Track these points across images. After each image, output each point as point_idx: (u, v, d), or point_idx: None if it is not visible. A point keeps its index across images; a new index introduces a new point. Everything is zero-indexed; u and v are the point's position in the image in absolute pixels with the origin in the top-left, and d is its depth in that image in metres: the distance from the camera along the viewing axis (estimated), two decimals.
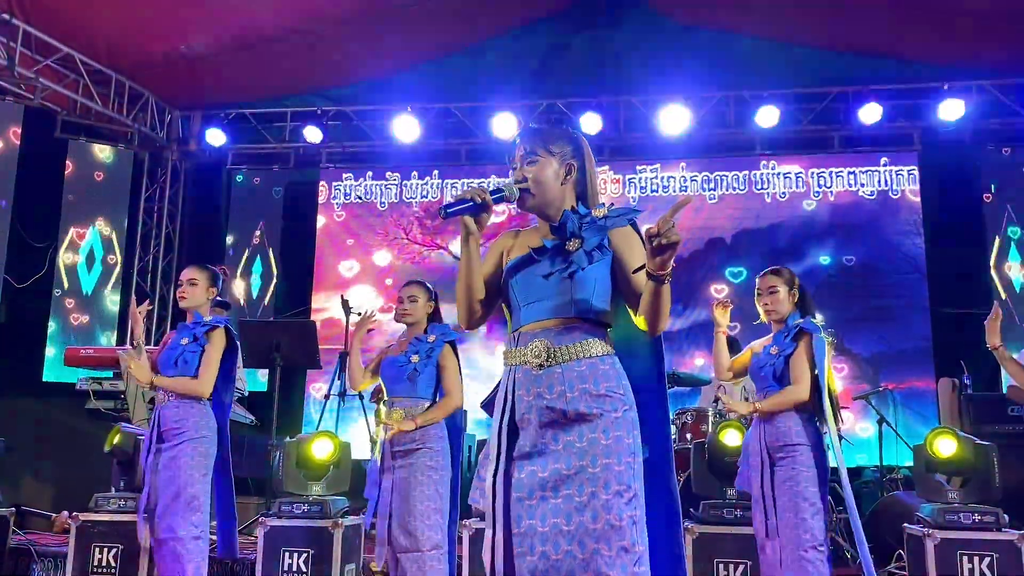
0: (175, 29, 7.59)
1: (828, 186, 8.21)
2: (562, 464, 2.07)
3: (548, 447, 2.09)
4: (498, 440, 2.15)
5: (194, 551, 3.71)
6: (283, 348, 5.50)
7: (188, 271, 4.06)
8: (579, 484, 2.04)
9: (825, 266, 8.07)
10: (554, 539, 2.02)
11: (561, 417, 2.10)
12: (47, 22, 7.25)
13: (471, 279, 2.21)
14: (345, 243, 8.80)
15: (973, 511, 4.28)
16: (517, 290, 2.21)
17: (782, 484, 3.47)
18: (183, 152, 9.03)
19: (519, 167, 2.24)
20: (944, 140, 8.07)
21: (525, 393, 2.14)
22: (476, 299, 2.24)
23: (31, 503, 6.55)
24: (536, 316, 2.18)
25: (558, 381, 2.11)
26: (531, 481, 2.08)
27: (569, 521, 2.02)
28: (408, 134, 8.42)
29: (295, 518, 4.51)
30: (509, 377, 2.19)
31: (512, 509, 2.08)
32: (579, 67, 8.69)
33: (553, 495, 2.06)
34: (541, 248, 2.20)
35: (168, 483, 3.72)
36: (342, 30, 7.77)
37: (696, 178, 8.41)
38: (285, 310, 8.72)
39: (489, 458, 2.19)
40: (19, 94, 7.65)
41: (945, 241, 7.85)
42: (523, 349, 2.16)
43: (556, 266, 2.16)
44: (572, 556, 2.00)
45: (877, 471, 6.52)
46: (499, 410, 2.18)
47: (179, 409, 3.81)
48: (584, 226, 2.18)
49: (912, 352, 7.72)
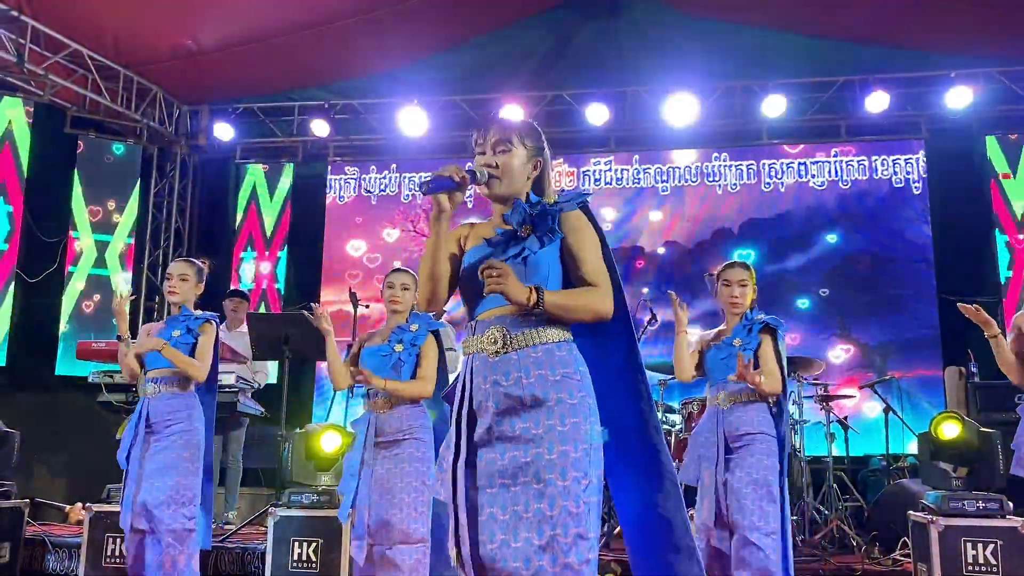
0: (182, 24, 7.63)
1: (835, 175, 8.20)
2: (520, 451, 2.08)
3: (505, 434, 2.11)
4: (457, 429, 2.16)
5: (188, 542, 3.76)
6: (292, 340, 5.53)
7: (179, 265, 4.06)
8: (536, 471, 2.05)
9: (832, 255, 8.07)
10: (514, 527, 2.03)
11: (518, 403, 2.11)
12: (55, 18, 7.30)
13: (436, 260, 2.22)
14: (353, 235, 8.85)
15: (977, 498, 4.29)
16: (473, 279, 2.17)
17: (738, 472, 3.47)
18: (192, 146, 9.08)
19: (488, 152, 2.26)
20: (951, 128, 8.05)
21: (482, 381, 2.15)
22: (440, 282, 2.24)
23: (45, 495, 6.63)
24: (492, 304, 2.19)
25: (514, 367, 2.13)
26: (490, 469, 2.10)
27: (528, 508, 2.04)
28: (415, 127, 8.45)
29: (304, 508, 4.56)
30: (467, 366, 2.20)
31: (470, 497, 2.09)
32: (585, 58, 8.69)
33: (512, 483, 2.07)
34: (494, 237, 2.23)
35: (161, 474, 3.76)
36: (349, 24, 7.79)
37: (702, 168, 8.41)
38: (294, 302, 8.77)
39: (449, 447, 2.19)
40: (29, 90, 7.71)
41: (952, 229, 7.84)
42: (480, 337, 2.18)
43: (509, 252, 2.19)
44: (530, 543, 2.01)
45: (883, 459, 6.54)
46: (457, 399, 2.20)
47: (171, 401, 3.86)
48: (535, 213, 2.22)
49: (919, 340, 7.72)
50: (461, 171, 2.15)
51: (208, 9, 7.44)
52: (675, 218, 8.40)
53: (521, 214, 2.22)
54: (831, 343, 7.89)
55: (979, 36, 7.64)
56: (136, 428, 3.82)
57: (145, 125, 8.52)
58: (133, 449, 3.80)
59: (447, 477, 2.14)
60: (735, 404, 3.57)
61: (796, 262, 8.11)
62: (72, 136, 8.28)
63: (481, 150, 2.28)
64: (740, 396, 3.59)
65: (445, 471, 2.17)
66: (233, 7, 7.45)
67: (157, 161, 8.87)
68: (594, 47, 8.67)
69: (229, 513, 6.20)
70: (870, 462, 7.04)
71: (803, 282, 8.07)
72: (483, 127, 2.30)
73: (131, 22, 7.54)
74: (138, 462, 3.79)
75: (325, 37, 7.90)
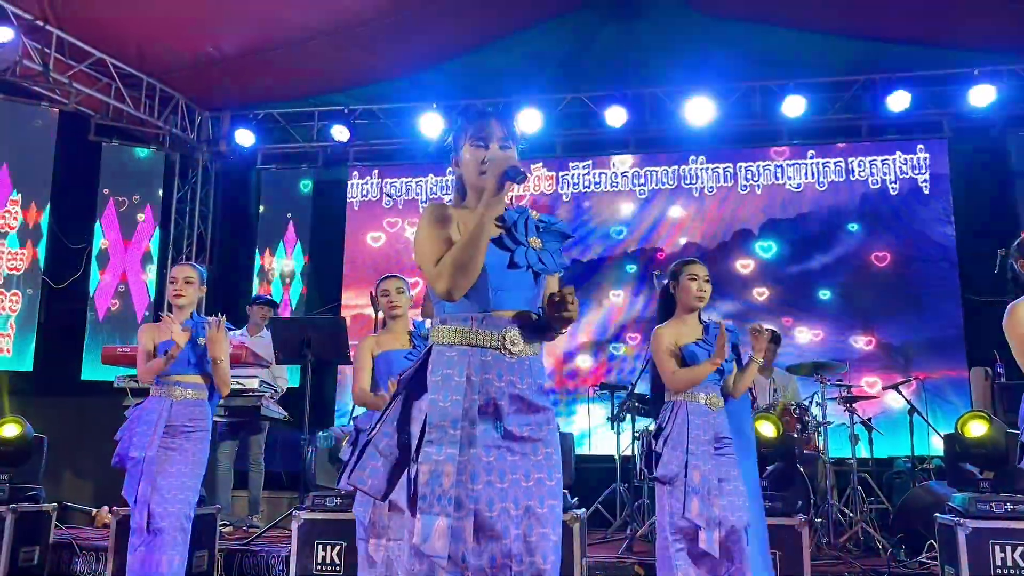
0: (203, 31, 7.70)
1: (857, 175, 8.15)
2: (529, 449, 2.15)
3: (514, 434, 2.14)
4: (463, 423, 2.09)
5: (185, 544, 3.85)
6: (314, 344, 5.56)
7: (184, 269, 4.05)
8: (549, 469, 2.15)
9: (854, 255, 8.01)
10: (528, 521, 2.09)
11: (526, 407, 2.16)
12: (79, 28, 7.41)
13: (486, 245, 2.14)
14: (372, 240, 8.90)
15: (1005, 500, 4.25)
16: (489, 272, 2.16)
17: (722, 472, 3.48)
18: (213, 153, 9.16)
19: (495, 146, 2.24)
20: (974, 126, 7.98)
21: (496, 378, 2.14)
22: (477, 270, 2.13)
23: (72, 499, 6.71)
24: (510, 304, 2.19)
25: (527, 372, 2.18)
26: (500, 464, 2.11)
27: (543, 505, 2.11)
28: (434, 131, 8.47)
29: (328, 511, 4.58)
30: (472, 359, 2.13)
31: (480, 494, 2.06)
32: (604, 60, 8.68)
33: (524, 480, 2.12)
34: (515, 237, 2.24)
35: (179, 475, 3.82)
36: (368, 29, 7.83)
37: (722, 169, 8.38)
38: (315, 307, 8.83)
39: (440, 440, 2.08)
40: (54, 99, 7.81)
41: (976, 228, 7.76)
42: (497, 333, 2.16)
43: (530, 260, 2.22)
44: (547, 539, 2.09)
45: (909, 461, 6.48)
46: (458, 391, 2.11)
47: (195, 408, 3.92)
48: (541, 227, 2.28)
49: (944, 341, 7.65)
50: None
51: (228, 17, 7.51)
52: (695, 219, 8.38)
53: (532, 227, 2.27)
54: (854, 343, 7.83)
55: (1002, 33, 7.56)
56: (156, 428, 3.83)
57: (167, 132, 8.61)
58: (150, 450, 3.80)
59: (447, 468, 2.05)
60: (720, 408, 3.59)
61: (817, 262, 8.06)
62: (96, 143, 8.37)
63: (478, 142, 2.25)
64: (721, 400, 3.60)
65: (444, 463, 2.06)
66: (253, 15, 7.50)
67: (179, 167, 8.96)
68: (613, 49, 8.66)
69: (253, 516, 6.25)
70: (895, 464, 6.98)
71: (825, 282, 8.02)
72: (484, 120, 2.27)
73: (154, 31, 7.63)
74: (153, 462, 3.80)
75: (344, 42, 7.94)
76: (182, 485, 3.82)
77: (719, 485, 3.46)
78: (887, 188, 8.06)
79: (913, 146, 8.10)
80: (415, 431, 2.15)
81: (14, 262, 7.62)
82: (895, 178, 8.06)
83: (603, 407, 7.17)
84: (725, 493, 3.46)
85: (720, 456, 3.52)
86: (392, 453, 2.17)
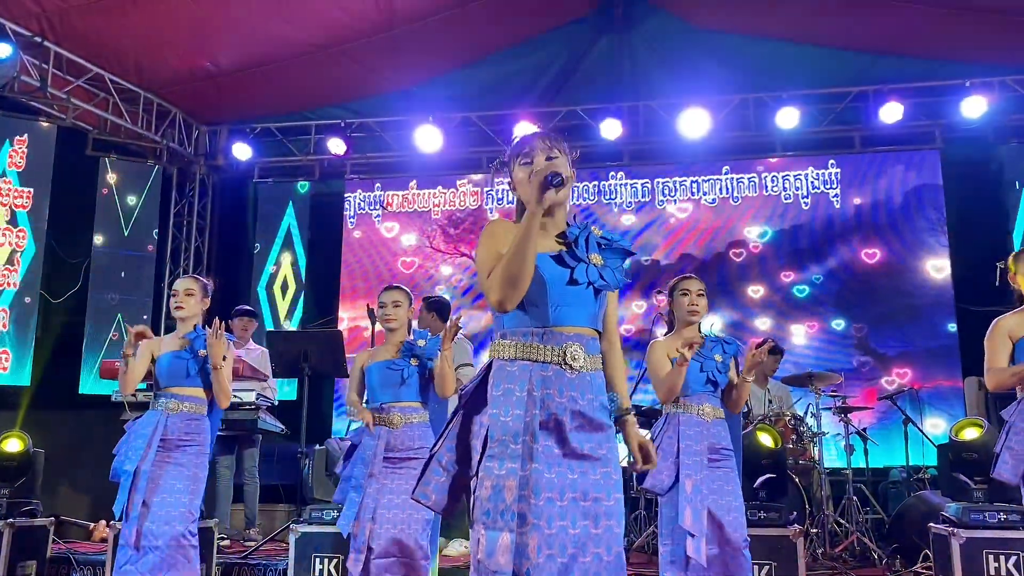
0: (201, 47, 7.76)
1: (850, 186, 8.20)
2: (589, 468, 2.13)
3: (576, 451, 2.12)
4: (524, 437, 2.09)
5: (194, 558, 3.82)
6: (311, 357, 5.58)
7: (184, 282, 4.10)
8: (607, 489, 2.14)
9: (849, 266, 8.05)
10: (583, 543, 2.07)
11: (588, 424, 2.16)
12: (77, 43, 7.45)
13: (531, 258, 2.13)
14: (369, 253, 8.93)
15: (999, 510, 4.27)
16: (549, 287, 2.18)
17: (717, 484, 3.53)
18: (210, 167, 9.20)
19: (538, 159, 2.26)
20: (966, 137, 8.03)
21: (557, 394, 2.13)
22: (527, 281, 2.14)
23: (69, 513, 6.69)
24: (571, 320, 2.20)
25: (589, 388, 2.18)
26: (561, 483, 2.09)
27: (597, 525, 2.09)
28: (430, 144, 8.52)
29: (325, 524, 4.59)
30: (533, 374, 2.14)
31: (543, 510, 2.04)
32: (598, 73, 8.75)
33: (583, 498, 2.11)
34: (574, 253, 2.24)
35: (176, 492, 3.80)
36: (364, 44, 7.89)
37: (717, 181, 8.43)
38: (312, 320, 8.85)
39: (502, 455, 2.09)
40: (52, 114, 7.85)
41: (969, 238, 7.81)
42: (557, 348, 2.16)
43: (591, 278, 2.22)
44: (599, 559, 2.07)
45: (903, 471, 6.50)
46: (520, 405, 2.11)
47: (191, 422, 3.91)
48: (603, 244, 2.29)
49: (938, 351, 7.69)
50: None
51: (226, 32, 7.56)
52: (690, 231, 8.41)
53: (592, 243, 2.27)
54: (849, 354, 7.86)
55: (994, 45, 7.63)
56: (150, 442, 3.82)
57: (165, 146, 8.65)
58: (143, 463, 3.78)
59: (509, 484, 2.05)
60: (717, 419, 3.64)
61: (812, 273, 8.11)
62: (94, 158, 8.41)
63: (525, 160, 2.29)
64: (720, 413, 3.65)
65: (507, 478, 2.07)
66: (250, 29, 7.56)
67: (176, 181, 8.99)
68: (608, 62, 8.73)
69: (250, 530, 6.25)
70: (890, 474, 7.01)
71: (819, 293, 8.06)
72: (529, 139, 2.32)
73: (151, 46, 7.68)
74: (147, 476, 3.77)
75: (341, 57, 8.00)
76: (177, 501, 3.78)
77: (717, 499, 3.50)
78: (880, 199, 8.11)
79: (906, 157, 8.15)
80: (476, 446, 2.16)
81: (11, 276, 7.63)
82: (888, 189, 8.11)
83: None
84: (730, 509, 3.50)
85: (716, 468, 3.56)
86: (454, 468, 2.20)
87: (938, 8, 7.31)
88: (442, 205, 8.89)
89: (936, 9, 7.33)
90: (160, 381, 4.00)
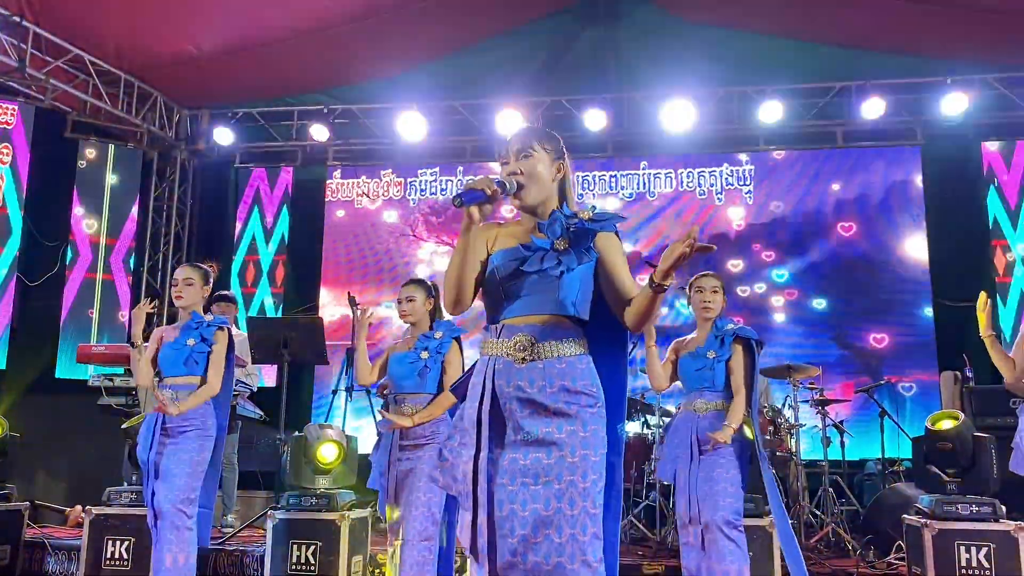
0: (183, 29, 7.66)
1: (831, 181, 8.25)
2: (543, 453, 2.17)
3: (528, 437, 2.18)
4: (478, 426, 2.22)
5: (192, 541, 3.88)
6: (291, 344, 5.57)
7: (184, 270, 4.13)
8: (559, 472, 2.15)
9: (828, 260, 8.11)
10: (533, 523, 2.12)
11: (540, 410, 2.19)
12: (56, 24, 7.35)
13: (465, 267, 2.25)
14: (351, 240, 8.89)
15: (971, 502, 4.34)
16: (503, 283, 2.27)
17: (706, 472, 3.65)
18: (191, 151, 9.12)
19: (512, 162, 2.31)
20: (947, 134, 8.09)
21: (505, 384, 2.22)
22: (467, 286, 2.27)
23: (45, 498, 6.65)
24: (521, 311, 2.26)
25: (539, 376, 2.21)
26: (512, 467, 2.17)
27: (548, 507, 2.13)
28: (414, 132, 8.49)
29: (303, 511, 4.59)
30: (488, 367, 2.26)
31: (493, 493, 2.16)
32: (583, 64, 8.73)
33: (533, 482, 2.15)
34: (530, 245, 2.28)
35: (171, 475, 3.85)
36: (348, 29, 7.83)
37: (700, 174, 8.46)
38: (293, 306, 8.81)
39: (463, 443, 2.25)
40: (30, 95, 7.75)
41: (948, 234, 7.88)
42: (506, 341, 2.25)
43: (546, 264, 2.24)
44: (550, 540, 2.11)
45: (879, 463, 6.57)
46: (477, 397, 2.25)
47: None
48: (572, 227, 2.29)
49: (915, 345, 7.77)
50: (492, 184, 2.17)
51: (208, 14, 7.48)
52: (673, 223, 8.43)
53: (560, 228, 2.28)
54: (827, 347, 7.92)
55: (975, 42, 7.68)
56: (153, 431, 3.90)
57: (145, 130, 8.57)
58: (150, 453, 3.89)
59: (466, 470, 2.21)
60: (710, 412, 3.76)
61: (792, 267, 8.16)
62: (73, 141, 8.31)
63: (504, 160, 2.33)
64: (716, 405, 3.77)
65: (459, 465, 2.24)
66: (233, 12, 7.48)
67: (157, 165, 8.91)
68: (593, 53, 8.72)
69: (228, 516, 6.22)
70: (866, 466, 7.08)
71: (799, 286, 8.11)
72: (504, 142, 2.35)
73: (132, 27, 7.59)
74: (154, 464, 3.89)
75: (324, 43, 7.94)
76: (174, 484, 3.85)
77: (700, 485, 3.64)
78: (861, 194, 8.16)
79: (887, 153, 8.20)
80: None
81: None
82: (869, 183, 8.17)
83: None
84: (707, 495, 3.62)
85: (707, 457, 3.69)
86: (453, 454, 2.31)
87: (921, 4, 7.35)
88: (425, 193, 8.86)
89: (919, 5, 7.36)
90: (160, 371, 4.05)
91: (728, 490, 3.64)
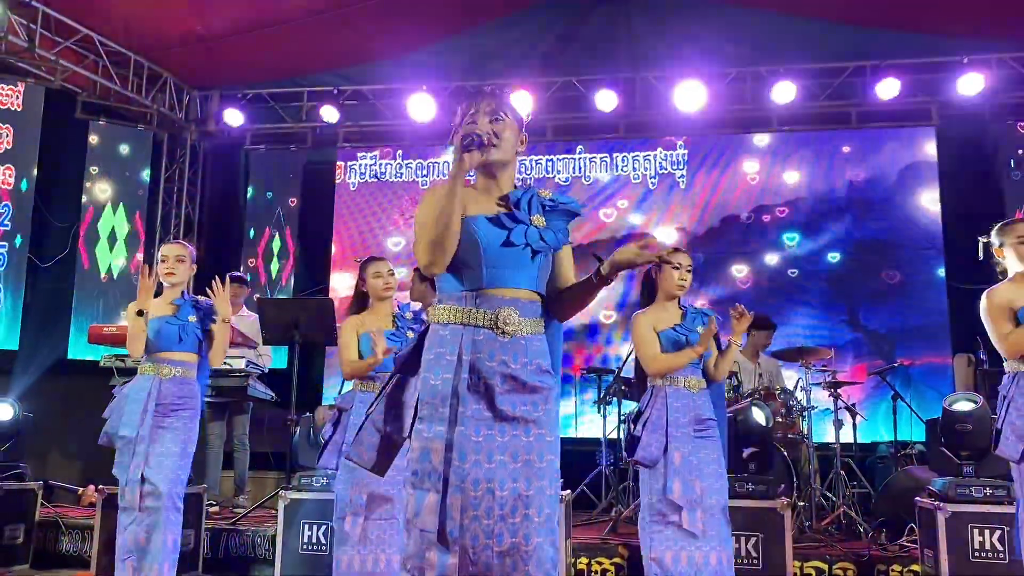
0: (192, 10, 7.63)
1: (845, 162, 8.18)
2: (520, 431, 2.13)
3: (506, 414, 2.13)
4: (451, 401, 2.10)
5: (178, 520, 3.89)
6: (301, 325, 5.56)
7: (174, 247, 4.11)
8: (540, 451, 2.14)
9: (842, 241, 8.06)
10: (512, 503, 2.08)
11: (521, 387, 2.15)
12: (66, 4, 7.32)
13: (453, 219, 2.11)
14: (362, 221, 8.88)
15: (984, 485, 4.31)
16: (484, 249, 2.17)
17: (703, 453, 3.59)
18: (201, 132, 9.10)
19: (482, 120, 2.24)
20: (963, 114, 8.00)
21: (487, 358, 2.13)
22: (453, 242, 2.13)
23: (58, 478, 6.69)
24: (507, 282, 2.19)
25: (522, 352, 2.17)
26: (489, 445, 2.10)
27: (529, 486, 2.11)
28: (424, 113, 8.44)
29: (314, 491, 4.59)
30: (464, 337, 2.14)
31: (467, 472, 2.06)
32: (594, 44, 8.66)
33: (512, 460, 2.11)
34: (513, 215, 2.22)
35: (169, 455, 3.85)
36: (358, 10, 7.78)
37: (712, 154, 8.39)
38: (304, 288, 8.82)
39: (430, 417, 2.11)
40: (40, 76, 7.74)
41: (962, 216, 7.80)
42: (489, 312, 2.15)
43: (530, 239, 2.20)
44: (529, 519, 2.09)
45: (891, 446, 6.54)
46: (449, 369, 2.12)
47: (183, 386, 3.96)
48: (547, 206, 2.28)
49: (928, 327, 7.72)
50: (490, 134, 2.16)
51: None
52: (684, 204, 8.39)
53: (536, 205, 2.25)
54: (840, 330, 7.88)
55: (992, 21, 7.57)
56: (145, 407, 3.87)
57: (155, 111, 8.55)
58: (141, 428, 3.85)
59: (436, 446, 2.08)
60: (703, 388, 3.69)
61: (804, 248, 8.11)
62: (83, 122, 8.30)
63: (472, 119, 2.24)
64: (702, 382, 3.70)
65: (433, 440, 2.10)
66: None
67: (167, 147, 8.90)
68: (605, 33, 8.64)
69: (239, 496, 6.26)
70: (878, 449, 7.05)
71: (811, 268, 8.07)
72: (473, 99, 2.29)
73: (141, 7, 7.55)
74: (146, 440, 3.84)
75: (335, 23, 7.89)
76: (172, 464, 3.85)
77: (699, 466, 3.55)
78: (875, 175, 8.10)
79: (902, 133, 8.12)
80: (408, 409, 2.17)
81: None
82: (883, 165, 8.09)
83: (590, 390, 7.21)
84: (705, 475, 3.55)
85: (700, 438, 3.61)
86: (385, 428, 2.20)
87: None
88: (434, 174, 8.83)
89: None
90: (150, 345, 3.99)
91: (724, 474, 3.64)
